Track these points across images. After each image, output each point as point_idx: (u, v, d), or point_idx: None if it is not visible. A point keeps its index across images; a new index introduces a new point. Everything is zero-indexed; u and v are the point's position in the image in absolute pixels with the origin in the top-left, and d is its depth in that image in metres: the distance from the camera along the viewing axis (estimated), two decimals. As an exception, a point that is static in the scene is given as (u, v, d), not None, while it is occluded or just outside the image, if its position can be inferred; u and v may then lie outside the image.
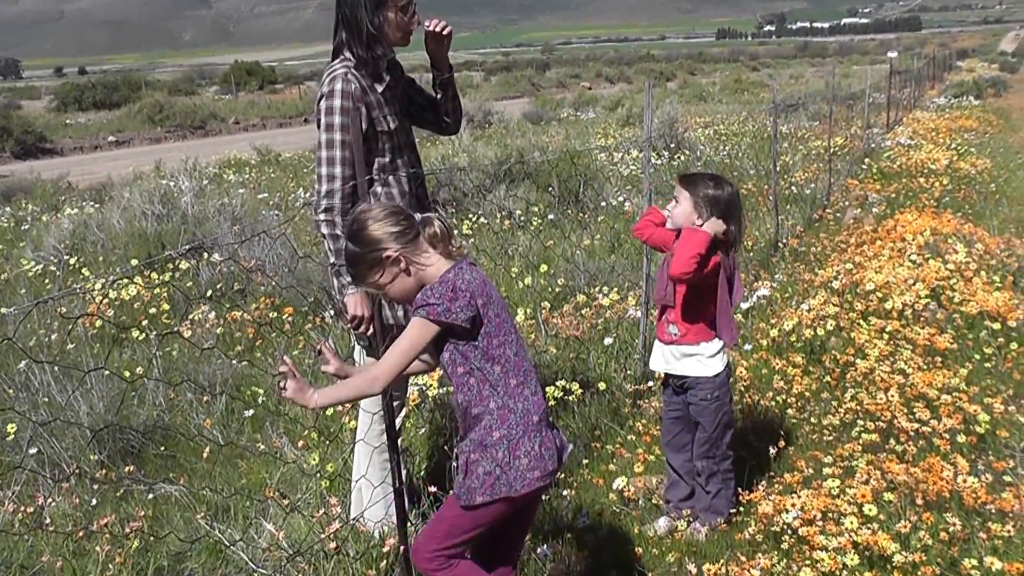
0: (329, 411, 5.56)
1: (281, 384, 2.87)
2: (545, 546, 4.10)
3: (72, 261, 9.90)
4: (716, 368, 4.30)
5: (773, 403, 5.65)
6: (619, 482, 4.72)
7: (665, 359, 4.37)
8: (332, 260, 3.95)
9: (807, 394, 5.75)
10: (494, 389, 2.93)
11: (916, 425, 5.00)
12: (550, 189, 12.35)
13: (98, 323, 7.59)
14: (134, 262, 8.80)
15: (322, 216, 3.91)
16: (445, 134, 4.58)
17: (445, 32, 4.08)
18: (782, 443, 5.13)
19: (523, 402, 2.96)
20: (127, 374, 6.22)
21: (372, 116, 3.96)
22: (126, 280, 8.34)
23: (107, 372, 5.87)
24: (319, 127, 3.93)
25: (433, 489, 4.32)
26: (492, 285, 2.99)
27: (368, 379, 2.90)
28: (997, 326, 6.51)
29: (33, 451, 5.28)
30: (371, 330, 3.92)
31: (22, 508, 4.71)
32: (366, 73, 3.98)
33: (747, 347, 6.57)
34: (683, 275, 4.04)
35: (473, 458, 2.94)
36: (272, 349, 7.12)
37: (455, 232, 3.02)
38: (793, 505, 4.13)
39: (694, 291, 4.21)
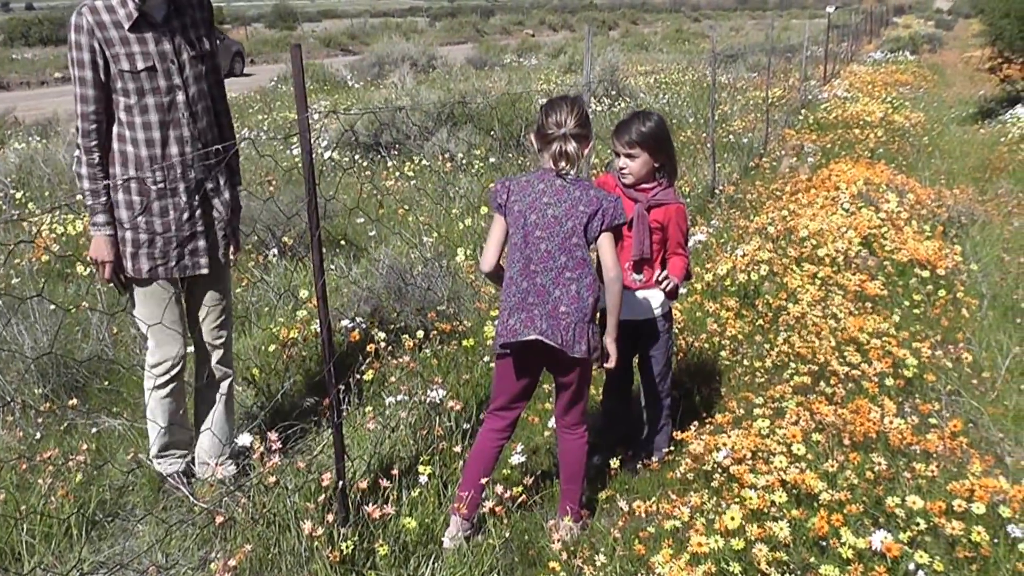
0: (272, 347, 5.54)
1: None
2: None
3: (18, 195, 9.73)
4: (667, 304, 4.42)
5: (707, 345, 5.71)
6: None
7: (629, 306, 4.38)
8: None
9: (740, 337, 5.81)
10: (507, 264, 3.78)
11: (847, 368, 5.07)
12: (492, 133, 12.29)
13: (44, 257, 7.48)
14: (79, 197, 8.66)
15: (74, 152, 3.92)
16: None
17: None
18: (715, 384, 5.19)
19: (506, 281, 3.77)
20: (71, 309, 6.13)
21: (108, 53, 3.80)
22: (71, 215, 8.21)
23: (52, 306, 5.80)
24: None
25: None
26: (544, 193, 3.72)
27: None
28: (926, 274, 6.62)
29: (-23, 384, 5.19)
30: (109, 274, 3.98)
31: (-34, 440, 4.65)
32: (115, 6, 3.82)
33: (682, 291, 6.60)
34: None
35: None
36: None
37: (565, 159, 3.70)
38: (724, 444, 4.17)
39: (661, 242, 4.32)
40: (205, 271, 4.10)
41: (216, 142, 4.13)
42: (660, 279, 4.29)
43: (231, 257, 4.32)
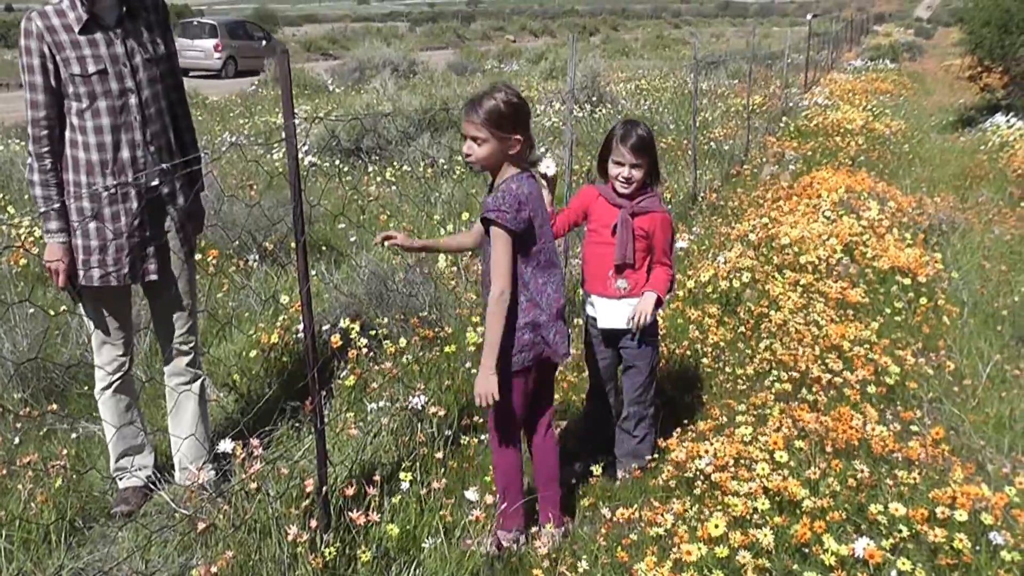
0: (253, 353, 5.51)
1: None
2: (472, 490, 4.10)
3: (-2, 199, 9.62)
4: (656, 314, 4.40)
5: (689, 352, 5.71)
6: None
7: (619, 314, 4.37)
8: None
9: (722, 344, 5.82)
10: (525, 286, 3.60)
11: (828, 375, 5.09)
12: (473, 138, 12.25)
13: (23, 261, 7.40)
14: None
15: (27, 159, 3.90)
16: None
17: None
18: (697, 391, 5.19)
19: (545, 298, 3.64)
20: (53, 314, 6.08)
21: (59, 57, 3.77)
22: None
23: (31, 310, 5.76)
24: None
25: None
26: (540, 199, 3.65)
27: (495, 298, 3.52)
28: (908, 281, 6.65)
29: (-45, 388, 5.15)
30: (63, 281, 3.94)
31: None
32: (66, 9, 3.79)
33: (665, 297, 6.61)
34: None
35: (519, 336, 3.63)
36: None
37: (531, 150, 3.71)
38: (706, 452, 4.17)
39: (647, 250, 4.32)
40: (154, 277, 4.06)
41: (171, 146, 4.09)
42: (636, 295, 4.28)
43: (192, 259, 4.30)
